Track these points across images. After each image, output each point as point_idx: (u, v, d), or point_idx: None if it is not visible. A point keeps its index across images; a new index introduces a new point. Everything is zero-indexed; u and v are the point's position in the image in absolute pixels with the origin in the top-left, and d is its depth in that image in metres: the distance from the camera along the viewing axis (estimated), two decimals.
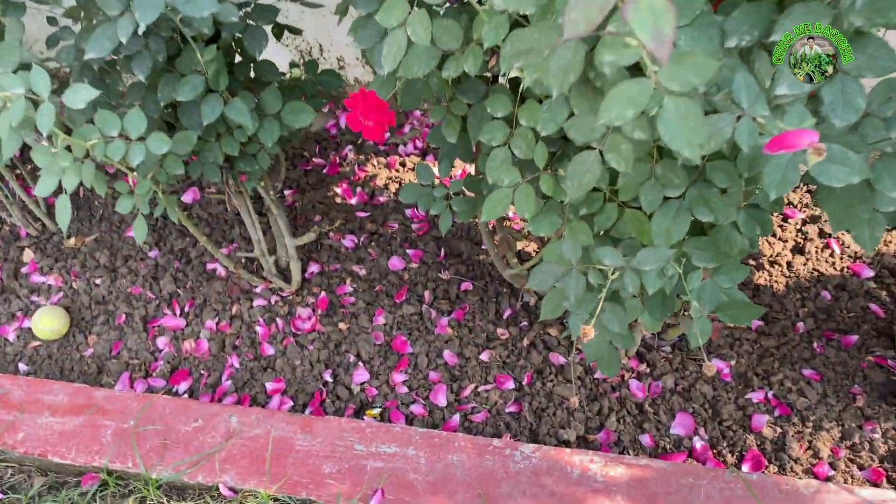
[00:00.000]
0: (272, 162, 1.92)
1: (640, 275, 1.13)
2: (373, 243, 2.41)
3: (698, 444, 1.85)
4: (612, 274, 1.11)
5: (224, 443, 1.82)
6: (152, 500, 1.76)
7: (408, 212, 2.50)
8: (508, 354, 2.08)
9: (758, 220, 1.29)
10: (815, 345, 2.04)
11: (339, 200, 2.57)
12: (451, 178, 1.77)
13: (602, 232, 1.33)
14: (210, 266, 2.37)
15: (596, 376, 2.02)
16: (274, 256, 2.23)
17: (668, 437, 1.88)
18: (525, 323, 2.15)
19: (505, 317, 2.17)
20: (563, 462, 1.73)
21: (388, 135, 2.79)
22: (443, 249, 2.37)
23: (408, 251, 2.37)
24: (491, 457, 1.75)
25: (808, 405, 1.90)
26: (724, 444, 1.85)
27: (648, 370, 2.02)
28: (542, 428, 1.91)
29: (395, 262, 2.34)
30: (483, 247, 2.38)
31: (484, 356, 2.07)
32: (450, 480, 1.71)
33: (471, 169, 2.50)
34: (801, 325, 2.09)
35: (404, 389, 2.01)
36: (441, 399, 1.98)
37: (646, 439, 1.88)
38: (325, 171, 2.68)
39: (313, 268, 2.34)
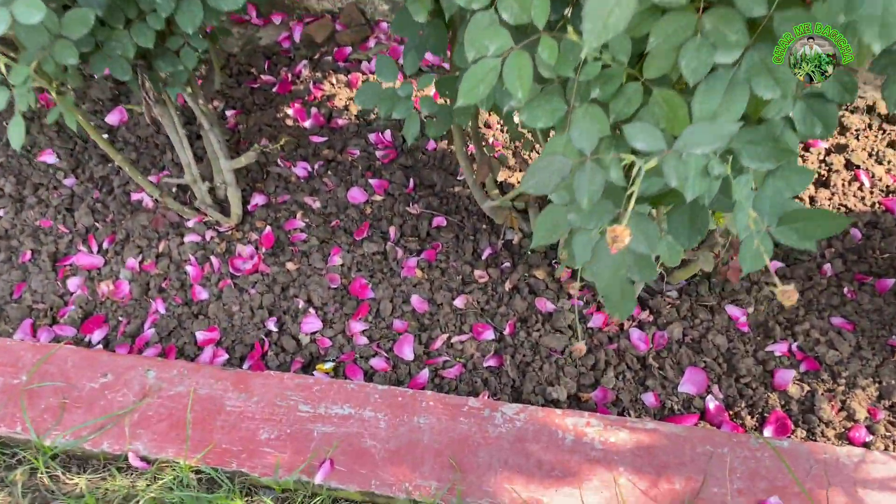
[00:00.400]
0: (200, 62, 1.55)
1: (681, 168, 0.80)
2: (329, 172, 2.06)
3: (711, 404, 1.56)
4: (645, 163, 0.77)
5: (138, 402, 1.48)
6: (43, 472, 1.42)
7: (371, 136, 2.15)
8: (487, 300, 1.76)
9: (819, 115, 0.97)
10: (845, 290, 1.74)
11: (290, 123, 2.20)
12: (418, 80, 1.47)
13: (618, 123, 0.99)
14: (135, 197, 2.00)
15: (590, 325, 1.70)
16: (209, 184, 1.86)
17: (675, 395, 1.59)
18: (507, 264, 1.82)
19: (484, 257, 1.84)
20: (552, 425, 1.42)
21: (350, 50, 2.41)
22: (412, 179, 2.02)
23: (370, 181, 2.02)
24: (466, 419, 1.43)
25: (839, 359, 1.61)
26: (743, 405, 1.56)
27: (652, 318, 1.72)
28: (526, 385, 1.60)
29: (356, 194, 1.99)
30: (459, 177, 2.04)
31: (458, 302, 1.74)
32: (415, 447, 1.39)
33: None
34: (827, 267, 1.79)
35: (363, 340, 1.68)
36: (407, 351, 1.66)
37: (649, 398, 1.58)
38: (274, 89, 2.30)
39: (257, 199, 1.98)
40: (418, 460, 1.37)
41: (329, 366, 1.63)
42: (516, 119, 1.67)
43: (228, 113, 2.21)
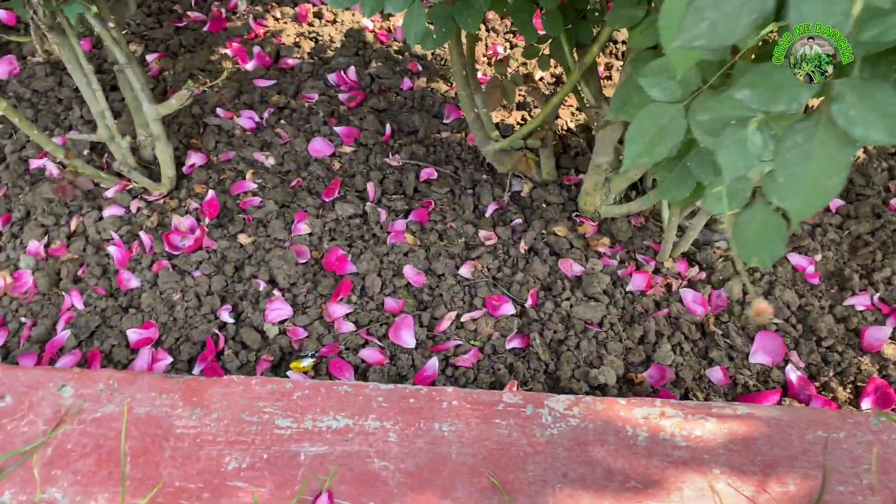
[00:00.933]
0: None
1: None
2: (282, 121, 1.66)
3: (793, 375, 1.25)
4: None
5: (51, 432, 1.07)
6: None
7: (331, 77, 1.75)
8: (500, 266, 1.41)
9: None
10: None
11: (228, 65, 1.78)
12: None
13: None
14: (35, 164, 1.56)
15: (629, 289, 1.37)
16: (130, 140, 1.44)
17: (747, 368, 1.27)
18: (518, 221, 1.47)
19: (488, 214, 1.49)
20: (617, 420, 1.08)
21: None
22: (388, 125, 1.64)
23: (336, 129, 1.63)
24: (503, 420, 1.08)
25: None
26: (830, 373, 1.26)
27: (704, 275, 1.40)
28: (563, 369, 1.26)
29: (319, 146, 1.60)
30: (446, 121, 1.67)
31: (464, 270, 1.39)
32: (441, 465, 1.03)
33: None
34: (895, 201, 1.50)
35: (348, 327, 1.31)
36: (406, 337, 1.29)
37: (716, 374, 1.26)
38: (205, 28, 1.87)
39: (194, 158, 1.57)
40: (447, 483, 1.02)
41: (307, 363, 1.25)
42: None
43: (150, 58, 1.78)
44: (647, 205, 1.36)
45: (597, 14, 1.21)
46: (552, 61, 1.63)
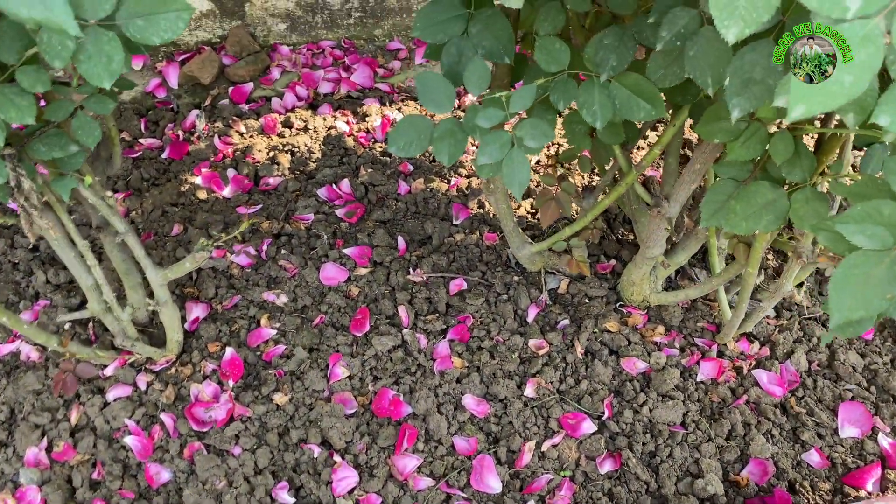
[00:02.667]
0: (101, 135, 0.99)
1: None
2: (283, 251, 1.51)
3: (886, 442, 1.23)
4: None
5: None
6: None
7: (321, 192, 1.62)
8: (561, 378, 1.32)
9: None
10: None
11: (203, 195, 1.62)
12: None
13: None
14: (6, 349, 1.34)
15: (700, 378, 1.32)
16: (131, 309, 1.26)
17: (840, 444, 1.24)
18: (565, 321, 1.39)
19: (531, 319, 1.40)
20: None
21: (251, 86, 1.86)
22: (399, 238, 1.53)
23: (345, 251, 1.50)
24: None
25: None
26: None
27: (767, 351, 1.36)
28: (665, 486, 1.18)
29: (332, 273, 1.46)
30: (455, 222, 1.57)
31: (529, 390, 1.29)
32: None
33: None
34: None
35: (425, 482, 1.18)
36: (491, 482, 1.18)
37: (814, 457, 1.22)
38: (164, 154, 1.70)
39: (195, 311, 1.40)
40: None
41: None
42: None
43: (113, 196, 1.58)
44: (707, 291, 1.31)
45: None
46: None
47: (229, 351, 1.32)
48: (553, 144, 1.76)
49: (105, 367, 1.31)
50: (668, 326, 1.40)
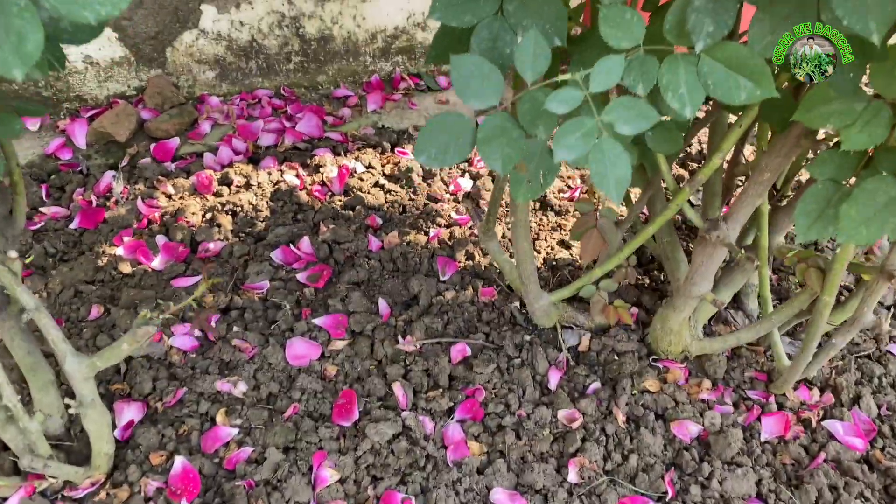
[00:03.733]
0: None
1: None
2: (234, 327, 1.21)
3: None
4: None
5: None
6: None
7: (275, 254, 1.34)
8: (606, 453, 1.06)
9: None
10: None
11: (127, 269, 1.31)
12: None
13: None
14: None
15: (764, 438, 1.10)
16: (41, 417, 0.92)
17: None
18: (595, 383, 1.15)
19: (554, 385, 1.15)
20: None
21: (177, 142, 1.57)
22: (380, 300, 1.26)
23: (314, 321, 1.21)
24: None
25: None
26: None
27: (831, 397, 1.16)
28: None
29: (301, 349, 1.17)
30: (443, 279, 1.32)
31: (571, 474, 1.03)
32: None
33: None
34: None
35: None
36: None
37: None
38: (74, 224, 1.38)
39: (128, 412, 1.07)
40: None
41: None
42: None
43: None
44: (763, 332, 1.11)
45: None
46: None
47: (179, 461, 0.99)
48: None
49: (5, 500, 0.95)
50: (713, 380, 1.18)
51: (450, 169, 1.63)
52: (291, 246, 1.35)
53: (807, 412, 1.13)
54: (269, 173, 1.53)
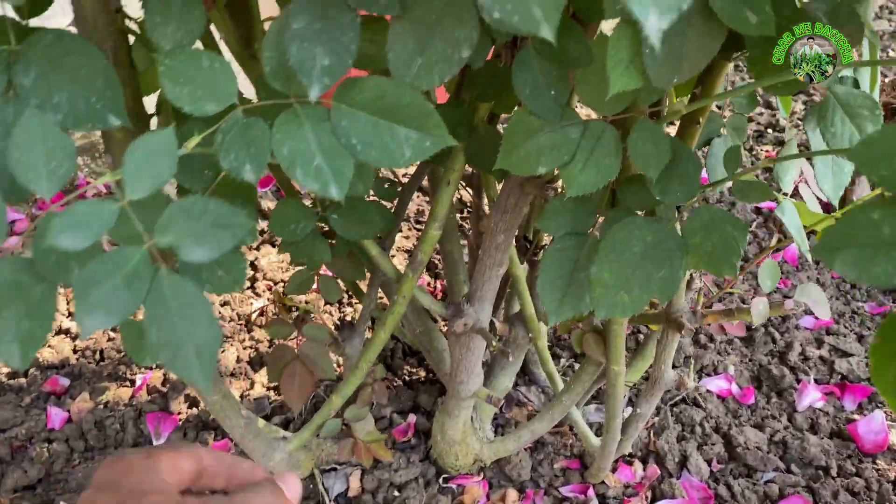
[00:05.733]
0: None
1: None
2: None
3: None
4: None
5: None
6: None
7: None
8: None
9: None
10: None
11: None
12: None
13: None
14: None
15: None
16: None
17: None
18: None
19: None
20: None
21: None
22: None
23: None
24: None
25: None
26: None
27: (656, 469, 0.96)
28: None
29: None
30: (158, 443, 0.98)
31: None
32: None
33: None
34: None
35: None
36: None
37: None
38: None
39: None
40: None
41: None
42: None
43: None
44: (559, 417, 0.88)
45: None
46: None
47: None
48: (267, 279, 1.27)
49: None
50: (519, 486, 0.94)
51: None
52: None
53: (633, 499, 0.92)
54: None
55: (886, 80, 1.77)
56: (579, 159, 0.51)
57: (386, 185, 0.75)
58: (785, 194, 0.63)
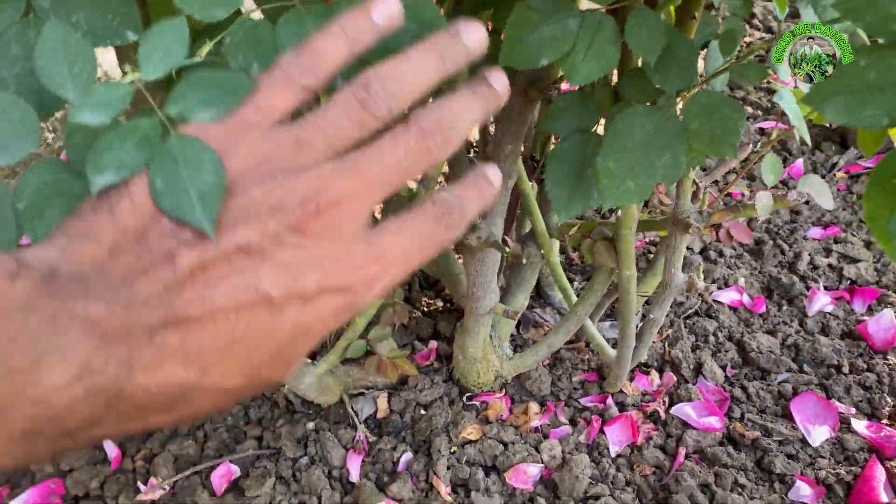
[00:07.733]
0: None
1: None
2: None
3: (863, 429, 0.91)
4: None
5: None
6: None
7: None
8: None
9: None
10: None
11: None
12: None
13: None
14: None
15: (615, 452, 0.90)
16: None
17: (819, 456, 0.90)
18: (406, 455, 0.91)
19: (355, 475, 0.89)
20: None
21: None
22: (105, 443, 0.94)
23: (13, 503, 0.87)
24: None
25: None
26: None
27: (672, 376, 0.99)
28: None
29: None
30: None
31: None
32: None
33: None
34: None
35: None
36: None
37: (802, 491, 0.85)
38: None
39: None
40: None
41: None
42: None
43: None
44: (574, 329, 0.91)
45: None
46: None
47: None
48: None
49: None
50: (540, 400, 0.97)
51: None
52: None
53: (651, 404, 0.95)
54: None
55: None
56: (580, 49, 0.53)
57: None
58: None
